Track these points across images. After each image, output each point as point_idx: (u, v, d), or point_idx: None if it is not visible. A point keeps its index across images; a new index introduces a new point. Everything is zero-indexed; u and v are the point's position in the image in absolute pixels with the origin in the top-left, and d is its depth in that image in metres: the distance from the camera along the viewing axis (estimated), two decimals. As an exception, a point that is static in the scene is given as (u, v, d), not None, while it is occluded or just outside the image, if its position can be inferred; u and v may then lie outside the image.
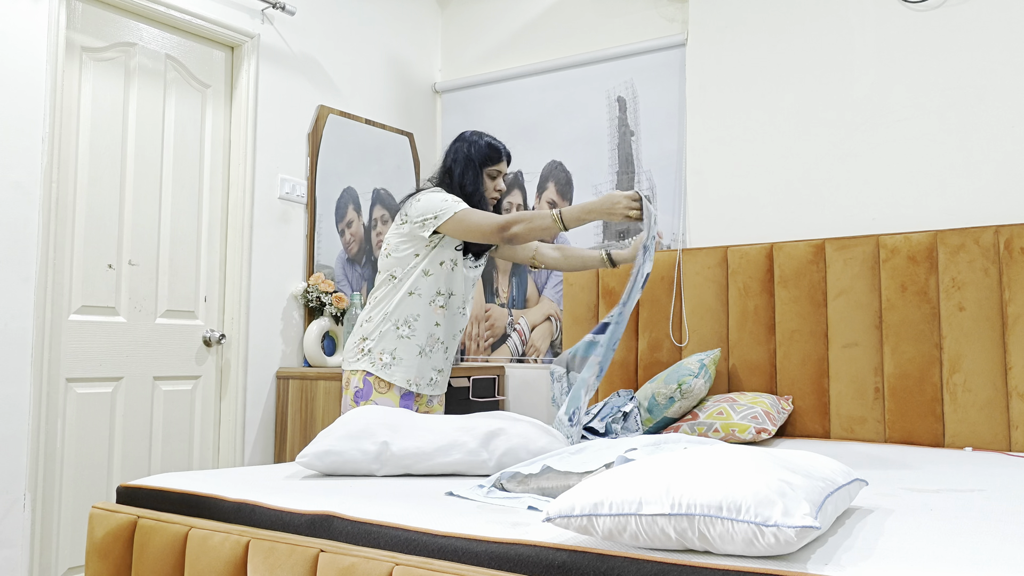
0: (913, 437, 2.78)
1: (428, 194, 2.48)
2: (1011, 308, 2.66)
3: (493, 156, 2.57)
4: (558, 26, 3.94)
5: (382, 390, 2.46)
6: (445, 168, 2.57)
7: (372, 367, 2.47)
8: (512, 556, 1.32)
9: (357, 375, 2.49)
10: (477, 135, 2.58)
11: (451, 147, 2.60)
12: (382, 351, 2.48)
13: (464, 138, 2.59)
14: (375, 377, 2.46)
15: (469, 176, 2.52)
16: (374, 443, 1.96)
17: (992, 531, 1.36)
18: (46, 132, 2.68)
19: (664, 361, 3.29)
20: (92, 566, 1.76)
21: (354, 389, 2.49)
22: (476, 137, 2.57)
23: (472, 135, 2.59)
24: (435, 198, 2.45)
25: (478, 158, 2.54)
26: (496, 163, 2.58)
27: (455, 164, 2.54)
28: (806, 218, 3.19)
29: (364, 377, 2.47)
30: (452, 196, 2.46)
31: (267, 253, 3.38)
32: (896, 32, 3.06)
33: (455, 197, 2.46)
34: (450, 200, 2.42)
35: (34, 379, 2.63)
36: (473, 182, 2.52)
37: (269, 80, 3.40)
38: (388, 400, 2.48)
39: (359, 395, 2.48)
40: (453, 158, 2.56)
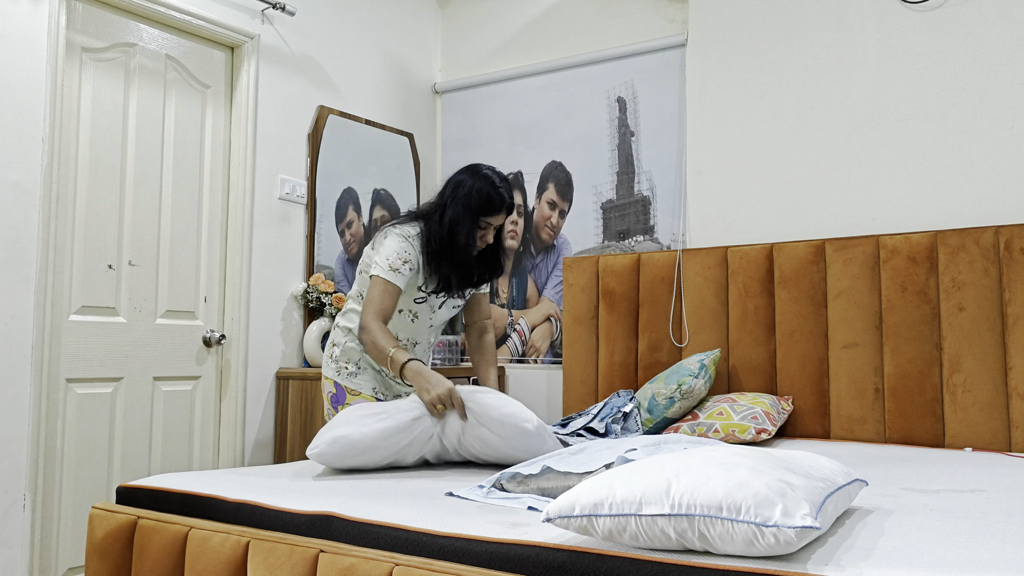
0: (913, 437, 2.78)
1: (392, 239, 2.33)
2: (1011, 308, 2.66)
3: (491, 207, 2.32)
4: (558, 26, 3.94)
5: (353, 394, 2.47)
6: (442, 200, 2.37)
7: (338, 376, 2.47)
8: (512, 556, 1.32)
9: (328, 382, 2.49)
10: (487, 175, 2.34)
11: (455, 177, 2.39)
12: (347, 361, 2.47)
13: (472, 171, 2.36)
14: (344, 384, 2.47)
15: (464, 225, 2.30)
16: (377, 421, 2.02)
17: (992, 532, 1.36)
18: (46, 132, 2.68)
19: (664, 362, 3.29)
20: (92, 566, 1.76)
21: (328, 394, 2.50)
22: (485, 176, 2.34)
23: (484, 173, 2.35)
24: (387, 248, 2.31)
25: (476, 204, 2.31)
26: (492, 215, 2.33)
27: (452, 204, 2.33)
28: (806, 218, 3.19)
29: (335, 383, 2.47)
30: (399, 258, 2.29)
31: (267, 253, 3.38)
32: (896, 33, 3.06)
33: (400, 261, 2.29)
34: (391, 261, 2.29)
35: (34, 379, 2.63)
36: (466, 231, 2.30)
37: (269, 80, 3.40)
38: (363, 401, 2.46)
39: (335, 400, 2.48)
40: (453, 193, 2.34)
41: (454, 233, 2.31)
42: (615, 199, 3.70)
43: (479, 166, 2.38)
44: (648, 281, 3.36)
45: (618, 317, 3.41)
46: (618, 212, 3.69)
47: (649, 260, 3.37)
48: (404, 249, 2.33)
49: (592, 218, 3.75)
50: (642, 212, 3.62)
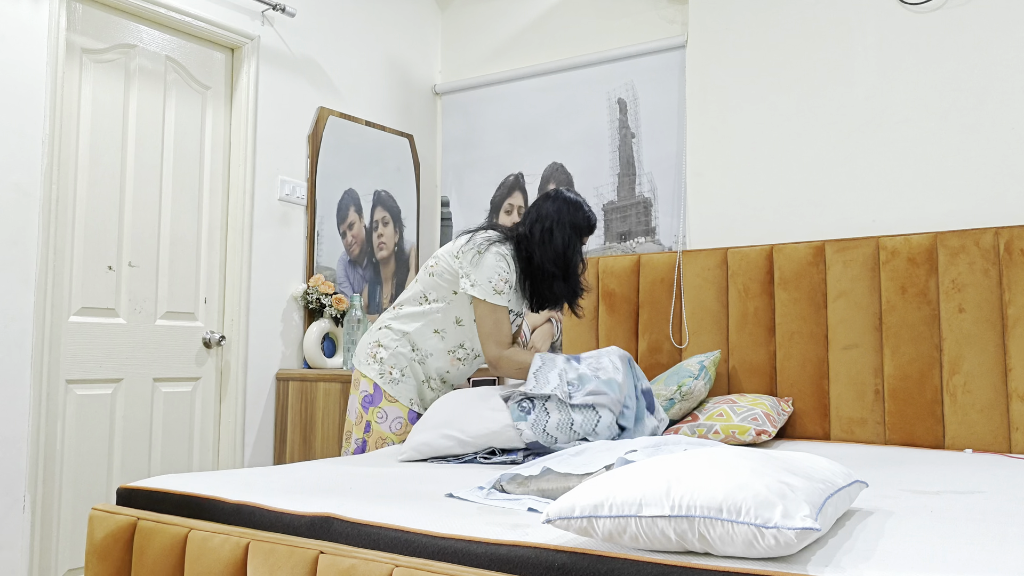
0: (913, 439, 2.78)
1: (491, 257, 2.39)
2: (1011, 310, 2.66)
3: (591, 226, 2.51)
4: (558, 28, 3.94)
5: (390, 400, 2.47)
6: (541, 224, 2.45)
7: (380, 379, 2.48)
8: (512, 558, 1.32)
9: (367, 381, 2.49)
10: (578, 199, 2.50)
11: (552, 204, 2.49)
12: (393, 366, 2.48)
13: (565, 199, 2.49)
14: (384, 388, 2.47)
15: (574, 245, 2.46)
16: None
17: (993, 533, 1.36)
18: (46, 134, 2.68)
19: (664, 363, 3.29)
20: (92, 568, 1.76)
21: (363, 393, 2.49)
22: (577, 203, 2.49)
23: (574, 198, 2.50)
24: (489, 267, 2.38)
25: (583, 226, 2.49)
26: (588, 234, 2.52)
27: (558, 227, 2.45)
28: (806, 220, 3.19)
29: (374, 384, 2.48)
30: (502, 278, 2.39)
31: (267, 255, 3.38)
32: (896, 34, 3.06)
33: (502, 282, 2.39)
34: (494, 283, 2.38)
35: (34, 381, 2.63)
36: (576, 251, 2.46)
37: (269, 82, 3.41)
38: (397, 410, 2.48)
39: (368, 400, 2.48)
40: (556, 218, 2.45)
41: (567, 254, 2.45)
42: (616, 200, 3.70)
43: (566, 193, 2.53)
44: (648, 282, 3.36)
45: (618, 318, 3.41)
46: (619, 214, 3.69)
47: (649, 261, 3.37)
48: (504, 269, 2.41)
49: (592, 219, 3.76)
50: (643, 213, 3.62)
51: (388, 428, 2.47)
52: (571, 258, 2.46)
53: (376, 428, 2.47)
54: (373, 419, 2.47)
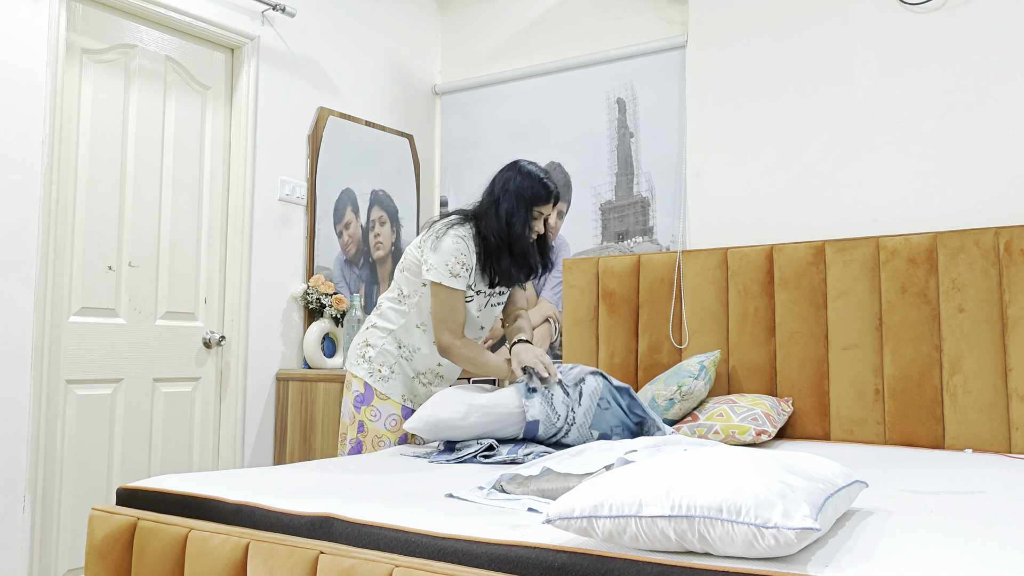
0: (913, 439, 2.78)
1: (448, 241, 2.38)
2: (1011, 310, 2.66)
3: (542, 196, 2.41)
4: (558, 28, 3.94)
5: (382, 398, 2.48)
6: (492, 199, 2.42)
7: (370, 378, 2.48)
8: (512, 558, 1.32)
9: (358, 381, 2.50)
10: (532, 168, 2.43)
11: (501, 175, 2.45)
12: (381, 364, 2.48)
13: (518, 168, 2.44)
14: (374, 387, 2.47)
15: (520, 215, 2.38)
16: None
17: (993, 533, 1.36)
18: (46, 134, 2.68)
19: (664, 363, 3.29)
20: (92, 568, 1.76)
21: (355, 393, 2.50)
22: (530, 171, 2.42)
23: (527, 166, 2.44)
24: (446, 251, 2.36)
25: (528, 195, 2.39)
26: (542, 204, 2.42)
27: (504, 197, 2.39)
28: (806, 220, 3.19)
29: (364, 384, 2.48)
30: (458, 261, 2.36)
31: (267, 255, 3.38)
32: (896, 34, 3.06)
33: (458, 264, 2.36)
34: (450, 266, 2.35)
35: (34, 381, 2.63)
36: (523, 222, 2.38)
37: (269, 82, 3.41)
38: (389, 407, 2.48)
39: (359, 400, 2.48)
40: (503, 188, 2.41)
41: (511, 224, 2.39)
42: (614, 200, 3.70)
43: (520, 162, 2.47)
44: (648, 282, 3.36)
45: (618, 318, 3.41)
46: (617, 213, 3.69)
47: (649, 261, 3.37)
48: (461, 251, 2.38)
49: (591, 219, 3.76)
50: (641, 213, 3.62)
51: (383, 426, 2.47)
52: (516, 229, 2.38)
53: (371, 427, 2.47)
54: (367, 418, 2.48)
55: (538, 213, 2.44)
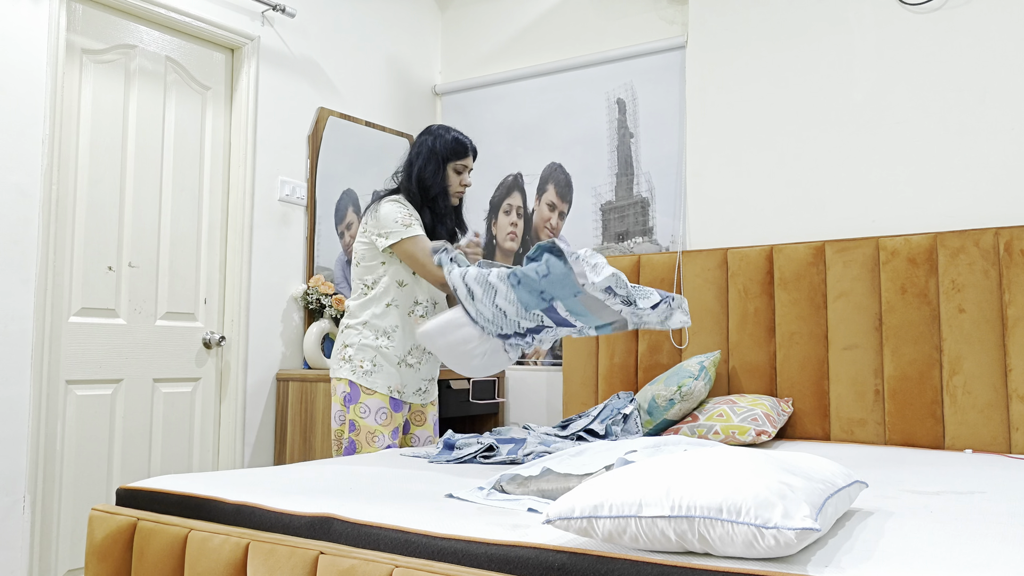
0: (913, 439, 2.78)
1: (385, 205, 2.46)
2: (1011, 310, 2.66)
3: (458, 150, 2.55)
4: (558, 28, 3.94)
5: (368, 393, 2.49)
6: (408, 161, 2.56)
7: (353, 375, 2.49)
8: (512, 558, 1.32)
9: (343, 382, 2.51)
10: (444, 129, 2.57)
11: (416, 140, 2.59)
12: (362, 359, 2.50)
13: (430, 131, 2.57)
14: (359, 384, 2.48)
15: (430, 169, 2.51)
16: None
17: (993, 533, 1.36)
18: (46, 134, 2.68)
19: (664, 363, 3.29)
20: (92, 568, 1.76)
21: (342, 394, 2.51)
22: (442, 131, 2.56)
23: (438, 128, 2.57)
24: (388, 214, 2.44)
25: (442, 152, 2.53)
26: (461, 158, 2.56)
27: (417, 157, 2.53)
28: (806, 220, 3.19)
29: (349, 383, 2.50)
30: (404, 214, 2.43)
31: (267, 255, 3.38)
32: (896, 34, 3.06)
33: (407, 215, 2.43)
34: (400, 220, 2.42)
35: (34, 381, 2.63)
36: (433, 175, 2.51)
37: (269, 82, 3.41)
38: (377, 401, 2.49)
39: (348, 399, 2.49)
40: (416, 151, 2.55)
41: (422, 180, 2.50)
42: (614, 200, 3.70)
43: (431, 125, 2.61)
44: (648, 283, 3.36)
45: (618, 319, 3.41)
46: (617, 214, 3.69)
47: (649, 262, 3.37)
48: (400, 209, 2.46)
49: (591, 220, 3.76)
50: (641, 214, 3.62)
51: (373, 421, 2.48)
52: (426, 182, 2.49)
53: (362, 424, 2.48)
54: (357, 416, 2.49)
55: (461, 167, 2.56)
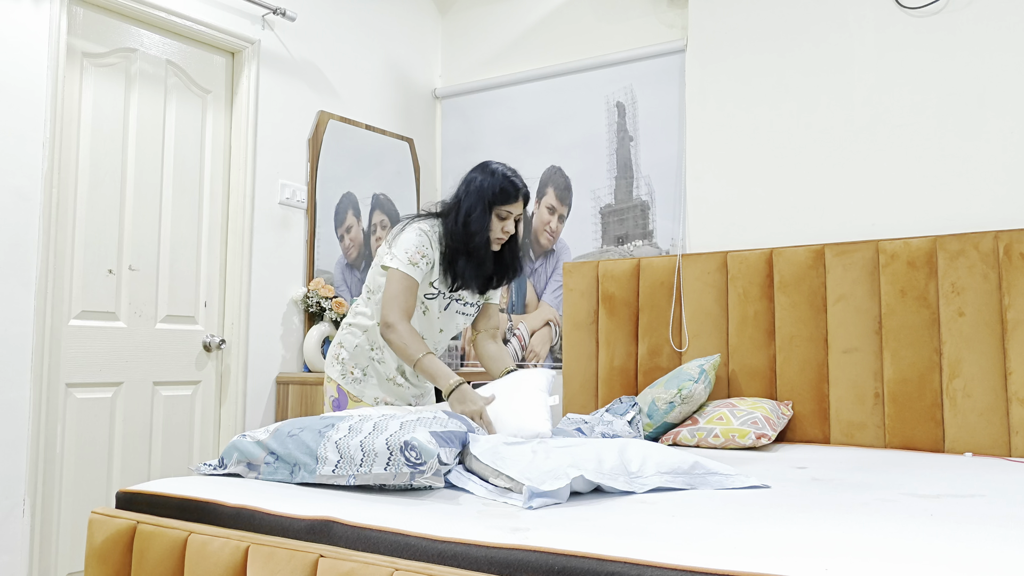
0: (913, 442, 2.78)
1: (412, 232, 2.33)
2: (1011, 313, 2.67)
3: (506, 195, 2.33)
4: (558, 32, 3.95)
5: (356, 401, 2.43)
6: (456, 197, 2.38)
7: (343, 380, 2.42)
8: (512, 561, 1.32)
9: (332, 384, 2.45)
10: (497, 168, 2.37)
11: (469, 175, 2.40)
12: (355, 365, 2.42)
13: (484, 167, 2.38)
14: (347, 390, 2.43)
15: (476, 213, 2.31)
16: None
17: (993, 535, 1.36)
18: (47, 137, 2.68)
19: (664, 367, 3.29)
20: (91, 571, 1.76)
21: (331, 398, 2.45)
22: (495, 169, 2.36)
23: (494, 167, 2.37)
24: (406, 241, 2.31)
25: (489, 194, 2.32)
26: (508, 203, 2.34)
27: (466, 197, 2.34)
28: (806, 223, 3.20)
29: (338, 387, 2.43)
30: (416, 250, 2.29)
31: (267, 258, 3.38)
32: (895, 38, 3.06)
33: (417, 254, 2.29)
34: (410, 254, 2.29)
35: (34, 384, 2.63)
36: (479, 220, 2.31)
37: (269, 85, 3.41)
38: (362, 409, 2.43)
39: (336, 404, 2.43)
40: (466, 189, 2.35)
41: (468, 224, 2.31)
42: (614, 204, 3.71)
43: (489, 162, 2.40)
44: (648, 286, 3.36)
45: (618, 322, 3.41)
46: (616, 217, 3.69)
47: (649, 265, 3.37)
48: (422, 243, 2.31)
49: (591, 223, 3.76)
50: (640, 217, 3.63)
51: None
52: (471, 228, 2.31)
53: None
54: None
55: (506, 213, 2.35)
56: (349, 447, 1.77)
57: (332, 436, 1.82)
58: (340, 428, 1.84)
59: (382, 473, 1.72)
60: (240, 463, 1.96)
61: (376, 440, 1.74)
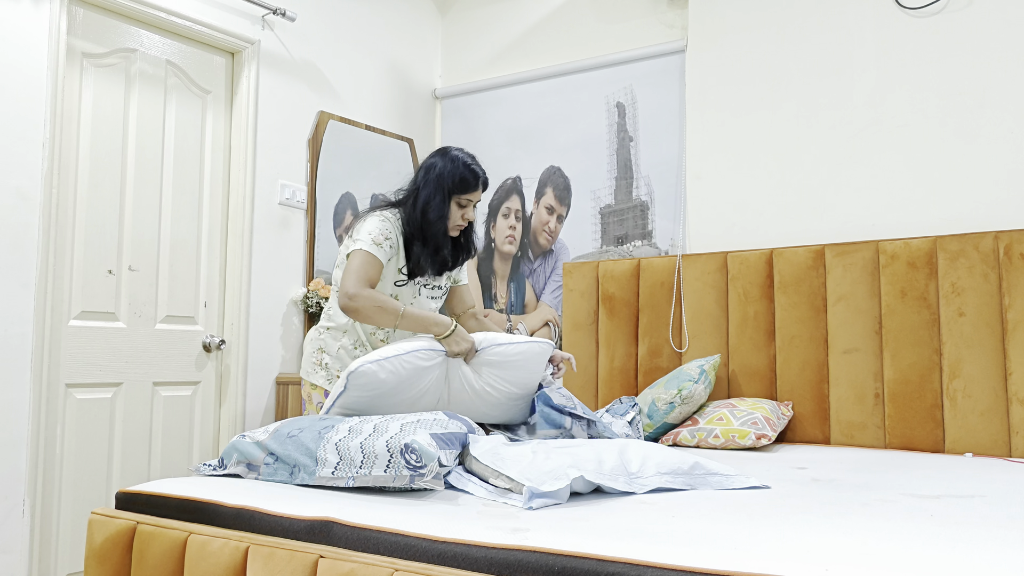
0: (913, 443, 2.78)
1: (372, 218, 2.32)
2: (1011, 314, 2.67)
3: (466, 184, 2.34)
4: (558, 32, 3.95)
5: None
6: (415, 184, 2.38)
7: (329, 384, 2.39)
8: (512, 562, 1.32)
9: (318, 391, 2.41)
10: (457, 155, 2.37)
11: (427, 161, 2.40)
12: (339, 369, 2.39)
13: (444, 154, 2.38)
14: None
15: (435, 203, 2.31)
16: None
17: (994, 536, 1.36)
18: (47, 138, 2.68)
19: (664, 367, 3.29)
20: (91, 572, 1.76)
21: (318, 404, 2.41)
22: (455, 157, 2.36)
23: (453, 153, 2.38)
24: (367, 225, 2.29)
25: (449, 183, 2.32)
26: (468, 191, 2.35)
27: (424, 186, 2.34)
28: (806, 224, 3.20)
29: (325, 393, 2.39)
30: (379, 232, 2.27)
31: (267, 259, 3.38)
32: (896, 38, 3.06)
33: (380, 234, 2.27)
34: (372, 235, 2.26)
35: (34, 384, 2.63)
36: (438, 209, 2.31)
37: (269, 86, 3.41)
38: None
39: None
40: (425, 176, 2.35)
41: (426, 212, 2.32)
42: (613, 204, 3.71)
43: (449, 148, 2.41)
44: (648, 286, 3.36)
45: (618, 322, 3.41)
46: (616, 217, 3.69)
47: (649, 265, 3.37)
48: (385, 227, 2.30)
49: (590, 223, 3.76)
50: (640, 217, 3.63)
51: None
52: (429, 216, 2.30)
53: None
54: None
55: (466, 201, 2.36)
56: (349, 449, 1.77)
57: (332, 438, 1.82)
58: (340, 429, 1.84)
59: (382, 475, 1.71)
60: (240, 464, 1.96)
61: (376, 442, 1.74)
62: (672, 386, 2.85)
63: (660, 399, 2.84)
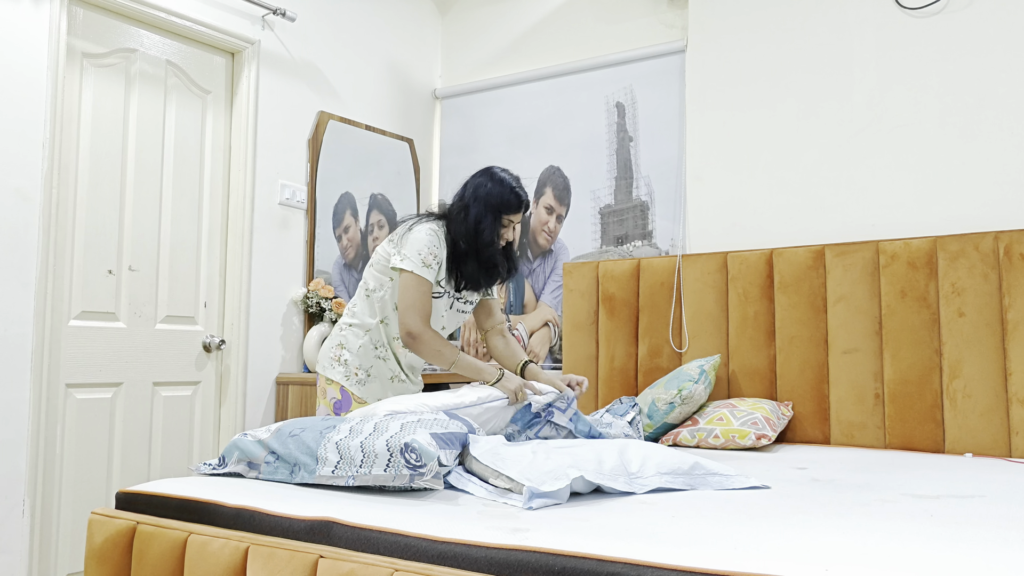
0: (913, 443, 2.78)
1: (422, 231, 2.36)
2: (1011, 314, 2.67)
3: (512, 205, 2.40)
4: (558, 32, 3.95)
5: (359, 402, 2.41)
6: (463, 203, 2.41)
7: (347, 381, 2.41)
8: (512, 562, 1.32)
9: (334, 386, 2.43)
10: (504, 177, 2.42)
11: (473, 180, 2.43)
12: (358, 367, 2.41)
13: (490, 175, 2.42)
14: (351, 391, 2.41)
15: (487, 222, 2.37)
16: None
17: (993, 537, 1.36)
18: (47, 138, 2.68)
19: (664, 367, 3.29)
20: (91, 572, 1.76)
21: (332, 400, 2.43)
22: (502, 179, 2.41)
23: (499, 174, 2.42)
24: (417, 241, 2.34)
25: (497, 203, 2.38)
26: (512, 213, 2.41)
27: (474, 203, 2.38)
28: (806, 224, 3.20)
29: (341, 389, 2.42)
30: (429, 252, 2.33)
31: (267, 259, 3.38)
32: (896, 38, 3.06)
33: (430, 255, 2.32)
34: (423, 255, 2.31)
35: (34, 384, 2.63)
36: (491, 229, 2.37)
37: (269, 86, 3.41)
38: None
39: (338, 406, 2.41)
40: (473, 195, 2.39)
41: (479, 231, 2.37)
42: (613, 204, 3.71)
43: (495, 170, 2.45)
44: (648, 286, 3.36)
45: (618, 322, 3.41)
46: (616, 217, 3.69)
47: (649, 266, 3.37)
48: (433, 243, 2.35)
49: (590, 223, 3.76)
50: (640, 217, 3.63)
51: None
52: (483, 236, 2.37)
53: None
54: None
55: (507, 221, 2.43)
56: (349, 448, 1.77)
57: (332, 437, 1.82)
58: (341, 429, 1.84)
59: (382, 475, 1.72)
60: (241, 462, 1.96)
61: (376, 441, 1.74)
62: (672, 386, 2.85)
63: (660, 399, 2.84)
